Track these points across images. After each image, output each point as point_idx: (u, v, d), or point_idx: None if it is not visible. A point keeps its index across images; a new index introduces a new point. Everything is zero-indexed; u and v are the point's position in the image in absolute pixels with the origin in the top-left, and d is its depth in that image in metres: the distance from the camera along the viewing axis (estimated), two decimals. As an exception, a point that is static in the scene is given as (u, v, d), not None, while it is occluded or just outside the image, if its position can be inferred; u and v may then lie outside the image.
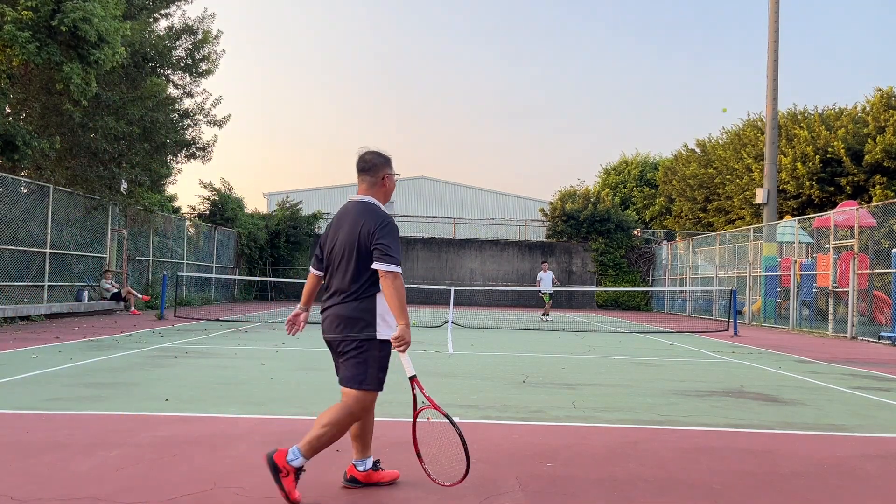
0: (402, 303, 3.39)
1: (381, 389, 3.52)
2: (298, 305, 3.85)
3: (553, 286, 20.22)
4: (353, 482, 3.67)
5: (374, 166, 3.64)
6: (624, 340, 13.87)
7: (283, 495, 3.31)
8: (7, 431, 4.68)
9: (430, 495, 3.57)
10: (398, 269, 3.40)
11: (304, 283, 4.07)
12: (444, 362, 9.20)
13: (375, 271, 3.42)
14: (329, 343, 3.59)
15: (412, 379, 3.59)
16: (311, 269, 3.82)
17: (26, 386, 6.49)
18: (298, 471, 3.38)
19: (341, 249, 3.52)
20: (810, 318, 18.68)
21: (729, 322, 17.50)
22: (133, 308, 18.23)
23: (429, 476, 3.66)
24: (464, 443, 3.42)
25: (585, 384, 7.56)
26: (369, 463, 3.70)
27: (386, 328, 3.47)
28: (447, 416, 3.50)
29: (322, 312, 3.61)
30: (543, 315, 20.36)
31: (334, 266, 3.57)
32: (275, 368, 7.92)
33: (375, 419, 5.43)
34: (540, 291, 20.27)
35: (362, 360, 3.45)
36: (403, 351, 3.43)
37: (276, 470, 3.33)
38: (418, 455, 3.70)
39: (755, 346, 13.32)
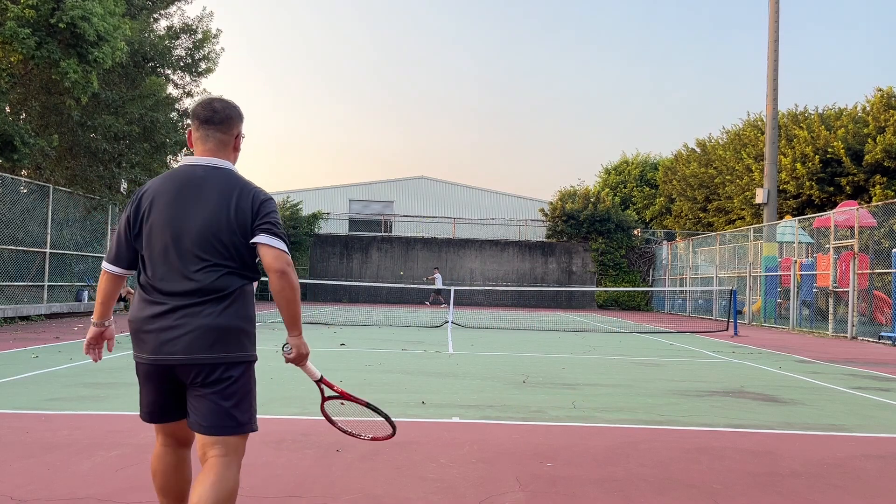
0: (298, 303, 2.70)
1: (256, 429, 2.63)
2: (94, 321, 2.75)
3: None
4: None
5: (227, 119, 2.74)
6: (624, 340, 13.87)
7: None
8: (7, 431, 4.68)
9: (430, 496, 3.57)
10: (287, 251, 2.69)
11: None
12: (444, 362, 9.20)
13: (254, 260, 2.69)
14: (171, 369, 2.49)
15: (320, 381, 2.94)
16: (108, 266, 2.65)
17: (26, 386, 6.49)
18: None
19: (199, 231, 2.55)
20: (810, 318, 18.67)
21: (729, 322, 17.49)
22: (133, 308, 18.23)
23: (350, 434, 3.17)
24: (373, 407, 3.00)
25: (585, 384, 7.56)
26: None
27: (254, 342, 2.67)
28: (367, 404, 3.02)
29: (157, 321, 2.49)
30: None
31: (184, 255, 2.53)
32: (275, 368, 7.91)
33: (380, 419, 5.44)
34: None
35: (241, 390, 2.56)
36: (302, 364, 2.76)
37: None
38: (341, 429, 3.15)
39: (755, 346, 13.32)
